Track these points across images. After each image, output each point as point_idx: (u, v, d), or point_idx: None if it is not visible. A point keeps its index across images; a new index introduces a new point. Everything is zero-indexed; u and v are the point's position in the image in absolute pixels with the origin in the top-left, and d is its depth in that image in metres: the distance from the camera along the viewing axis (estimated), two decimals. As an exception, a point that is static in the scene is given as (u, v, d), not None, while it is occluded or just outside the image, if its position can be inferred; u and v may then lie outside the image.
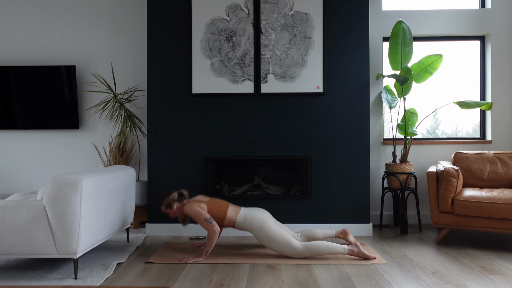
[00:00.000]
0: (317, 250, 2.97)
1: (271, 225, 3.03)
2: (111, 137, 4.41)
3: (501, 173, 3.70)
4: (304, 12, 3.78)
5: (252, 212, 3.11)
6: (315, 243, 2.98)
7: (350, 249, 2.98)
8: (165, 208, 3.17)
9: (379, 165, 4.31)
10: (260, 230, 3.03)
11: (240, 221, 3.08)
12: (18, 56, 4.43)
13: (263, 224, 3.03)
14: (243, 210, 3.14)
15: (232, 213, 3.11)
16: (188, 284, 2.51)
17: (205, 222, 3.01)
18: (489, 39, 4.31)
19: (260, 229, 3.02)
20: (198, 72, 3.82)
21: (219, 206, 3.14)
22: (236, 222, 3.09)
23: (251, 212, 3.12)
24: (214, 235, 3.00)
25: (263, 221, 3.05)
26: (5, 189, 4.46)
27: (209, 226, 3.01)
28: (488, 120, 4.34)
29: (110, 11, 4.40)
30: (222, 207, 3.13)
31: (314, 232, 3.20)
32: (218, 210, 3.11)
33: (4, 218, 2.53)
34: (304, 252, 2.98)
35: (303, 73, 3.78)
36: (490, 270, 2.76)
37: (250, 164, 4.01)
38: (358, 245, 3.00)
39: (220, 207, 3.13)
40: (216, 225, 3.03)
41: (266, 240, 3.02)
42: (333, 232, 3.21)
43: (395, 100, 4.10)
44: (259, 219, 3.06)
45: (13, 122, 4.33)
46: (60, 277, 2.63)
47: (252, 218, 3.07)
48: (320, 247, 2.96)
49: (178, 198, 3.19)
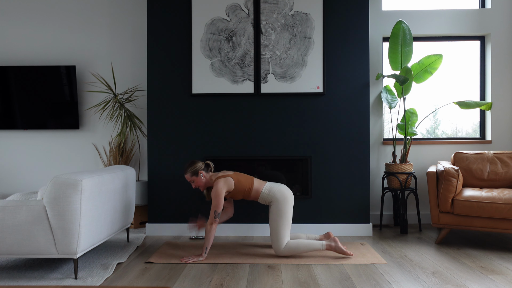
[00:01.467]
0: (296, 248, 3.01)
1: (289, 205, 3.09)
2: (111, 137, 4.41)
3: (501, 173, 3.70)
4: (304, 12, 3.78)
5: (277, 186, 3.17)
6: (294, 241, 3.04)
7: (328, 244, 3.04)
8: (191, 175, 3.15)
9: (379, 165, 4.31)
10: (280, 205, 3.06)
11: (266, 193, 3.13)
12: (18, 56, 4.43)
13: (285, 201, 3.08)
14: (268, 184, 3.19)
15: (258, 185, 3.16)
16: (188, 284, 2.51)
17: (213, 209, 3.01)
18: (489, 39, 4.31)
19: (281, 204, 3.06)
20: (198, 72, 3.82)
21: (245, 178, 3.17)
22: (261, 193, 3.14)
23: (276, 185, 3.17)
24: (212, 232, 3.01)
25: (286, 198, 3.09)
26: (5, 189, 4.46)
27: (212, 218, 3.02)
28: (488, 120, 4.34)
29: (110, 11, 4.40)
30: (248, 179, 3.17)
31: (297, 235, 3.29)
32: (245, 182, 3.15)
33: (4, 218, 2.53)
34: (285, 251, 3.03)
35: (303, 73, 3.79)
36: (490, 270, 2.76)
37: (250, 164, 4.01)
38: (336, 240, 3.07)
39: (246, 179, 3.17)
40: (216, 224, 3.04)
41: (277, 216, 3.05)
42: (317, 236, 3.29)
43: (395, 100, 4.10)
44: (283, 194, 3.10)
45: (13, 122, 4.33)
46: (60, 277, 2.63)
47: (277, 191, 3.11)
48: (299, 245, 3.02)
49: (205, 168, 3.20)
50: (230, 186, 3.09)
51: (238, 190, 3.12)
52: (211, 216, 3.02)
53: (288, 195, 3.12)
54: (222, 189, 3.04)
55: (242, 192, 3.13)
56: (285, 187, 3.17)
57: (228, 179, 3.09)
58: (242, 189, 3.12)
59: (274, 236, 3.05)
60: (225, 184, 3.06)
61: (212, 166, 3.24)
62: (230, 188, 3.09)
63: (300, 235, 3.27)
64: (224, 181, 3.07)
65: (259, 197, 3.15)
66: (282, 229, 3.04)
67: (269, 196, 3.12)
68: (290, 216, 3.08)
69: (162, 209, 3.84)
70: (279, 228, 3.04)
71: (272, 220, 3.07)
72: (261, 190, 3.14)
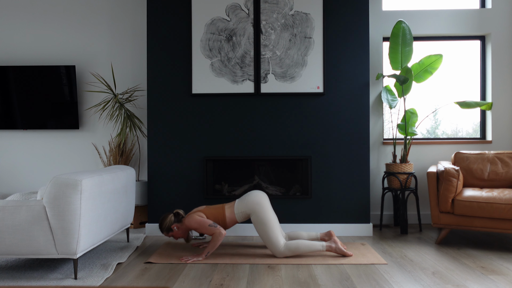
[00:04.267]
0: (296, 249, 3.00)
1: (266, 209, 3.06)
2: (111, 137, 4.41)
3: (501, 173, 3.70)
4: (304, 12, 3.78)
5: (245, 198, 3.13)
6: (294, 242, 3.02)
7: (328, 245, 3.03)
8: (167, 232, 3.16)
9: (379, 165, 4.31)
10: (256, 215, 3.04)
11: (239, 213, 3.11)
12: (18, 56, 4.43)
13: (260, 207, 3.04)
14: (237, 202, 3.15)
15: (230, 211, 3.13)
16: (188, 284, 2.51)
17: (210, 228, 3.03)
18: (489, 39, 4.30)
19: (256, 213, 3.04)
20: (198, 72, 3.81)
21: (215, 209, 3.16)
22: (235, 216, 3.12)
23: (245, 198, 3.13)
24: (220, 237, 3.01)
25: (259, 204, 3.06)
26: (5, 189, 4.46)
27: (214, 230, 3.02)
28: (488, 120, 4.33)
29: (110, 11, 4.40)
30: (219, 209, 3.15)
31: (298, 234, 3.27)
32: (217, 213, 3.13)
33: (4, 218, 2.53)
34: (285, 251, 3.01)
35: (303, 73, 3.78)
36: (490, 270, 2.76)
37: (250, 164, 4.01)
38: (336, 241, 3.07)
39: (217, 210, 3.15)
40: (221, 227, 3.05)
41: (259, 225, 3.03)
42: (317, 234, 3.27)
43: (395, 100, 4.10)
44: (254, 202, 3.07)
45: (13, 122, 4.33)
46: (60, 277, 2.63)
47: (248, 202, 3.08)
48: (300, 246, 3.00)
49: (176, 219, 3.18)
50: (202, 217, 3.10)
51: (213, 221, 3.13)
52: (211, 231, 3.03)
53: (260, 200, 3.09)
54: (197, 217, 3.06)
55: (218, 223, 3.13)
56: (255, 193, 3.15)
57: (198, 213, 3.11)
58: (217, 220, 3.12)
59: (268, 243, 3.04)
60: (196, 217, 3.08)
61: (182, 212, 3.22)
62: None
63: (301, 233, 3.26)
64: (196, 215, 3.10)
65: (238, 220, 3.14)
66: (271, 234, 3.02)
67: (244, 213, 3.10)
68: (272, 218, 3.05)
69: (162, 209, 3.84)
70: (268, 234, 3.02)
71: (258, 230, 3.06)
72: (235, 215, 3.12)
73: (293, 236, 3.26)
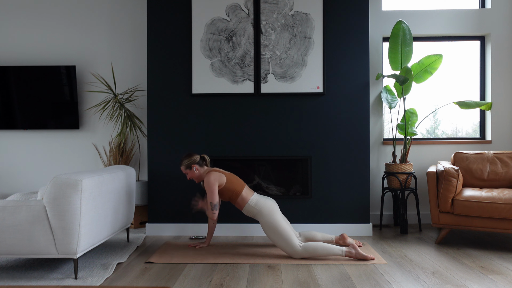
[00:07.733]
0: (314, 251, 2.97)
1: (278, 217, 3.08)
2: (111, 137, 4.41)
3: (501, 173, 3.70)
4: (304, 12, 3.78)
5: (264, 199, 3.17)
6: (313, 244, 2.99)
7: (348, 250, 2.97)
8: (185, 168, 3.26)
9: (379, 165, 4.31)
10: (267, 218, 3.06)
11: (251, 205, 3.13)
12: (18, 56, 4.43)
13: (272, 213, 3.08)
14: (256, 196, 3.19)
15: (246, 194, 3.17)
16: (188, 284, 2.51)
17: (210, 200, 3.13)
18: (489, 39, 4.31)
19: (268, 217, 3.06)
20: (198, 72, 3.82)
21: (237, 181, 3.22)
22: (247, 204, 3.14)
23: (263, 199, 3.17)
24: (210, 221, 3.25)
25: (272, 210, 3.10)
26: (5, 189, 4.46)
27: (210, 211, 3.14)
28: (488, 120, 4.34)
29: (110, 11, 4.40)
30: (239, 183, 3.21)
31: (313, 234, 3.28)
32: (236, 185, 3.18)
33: (4, 218, 2.53)
34: (302, 252, 2.99)
35: (303, 73, 3.79)
36: (490, 270, 2.76)
37: (250, 164, 4.01)
38: (355, 247, 2.99)
39: (238, 183, 3.21)
40: (216, 215, 3.15)
41: (271, 230, 3.04)
42: (332, 237, 3.30)
43: (395, 100, 4.11)
44: (269, 207, 3.11)
45: (13, 122, 4.33)
46: (60, 277, 2.63)
47: (263, 204, 3.11)
48: (318, 248, 2.97)
49: (200, 162, 3.27)
50: (221, 182, 3.16)
51: (228, 188, 3.16)
52: (208, 209, 3.14)
53: (274, 206, 3.14)
54: (214, 181, 3.13)
55: (230, 192, 3.16)
56: (270, 200, 3.19)
57: (220, 175, 3.18)
58: (232, 189, 3.16)
59: (283, 246, 3.02)
60: (216, 178, 3.15)
61: (207, 159, 3.32)
62: (221, 184, 3.16)
63: (316, 234, 3.26)
64: (215, 174, 3.16)
65: (244, 207, 3.15)
66: (286, 236, 3.00)
67: (254, 209, 3.11)
68: (283, 222, 3.06)
69: (162, 209, 3.84)
70: (281, 237, 3.01)
71: (270, 234, 3.05)
72: (247, 201, 3.14)
73: (307, 235, 3.25)
